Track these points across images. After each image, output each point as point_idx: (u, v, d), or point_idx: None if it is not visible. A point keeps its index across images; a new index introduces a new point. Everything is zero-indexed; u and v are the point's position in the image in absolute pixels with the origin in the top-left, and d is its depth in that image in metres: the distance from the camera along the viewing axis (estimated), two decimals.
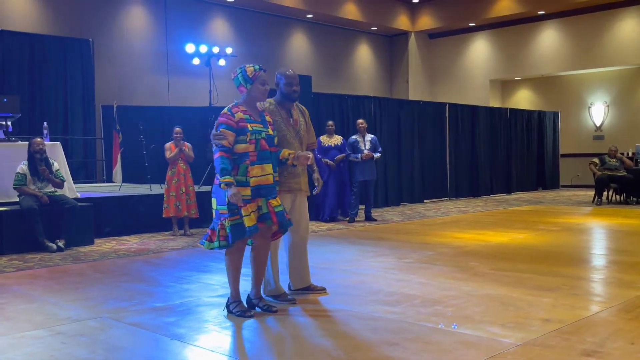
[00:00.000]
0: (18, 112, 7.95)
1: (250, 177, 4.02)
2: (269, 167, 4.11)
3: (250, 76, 4.13)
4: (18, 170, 7.15)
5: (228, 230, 3.97)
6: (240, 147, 4.01)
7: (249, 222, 3.96)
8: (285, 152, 4.31)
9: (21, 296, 4.77)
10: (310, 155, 4.33)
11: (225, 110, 4.09)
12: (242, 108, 4.12)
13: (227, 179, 3.91)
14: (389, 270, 5.58)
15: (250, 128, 4.03)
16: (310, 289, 4.68)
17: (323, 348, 3.41)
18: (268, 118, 4.25)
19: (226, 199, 3.93)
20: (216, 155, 3.98)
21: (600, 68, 16.95)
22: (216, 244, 4.01)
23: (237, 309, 4.10)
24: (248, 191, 3.99)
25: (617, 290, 4.74)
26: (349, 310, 4.19)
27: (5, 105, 7.80)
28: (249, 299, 4.26)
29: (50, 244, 6.96)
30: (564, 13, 17.03)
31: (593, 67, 16.96)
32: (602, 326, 3.77)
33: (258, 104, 4.25)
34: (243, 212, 3.95)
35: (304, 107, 4.76)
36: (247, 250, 4.23)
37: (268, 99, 4.42)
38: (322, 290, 4.68)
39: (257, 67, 4.20)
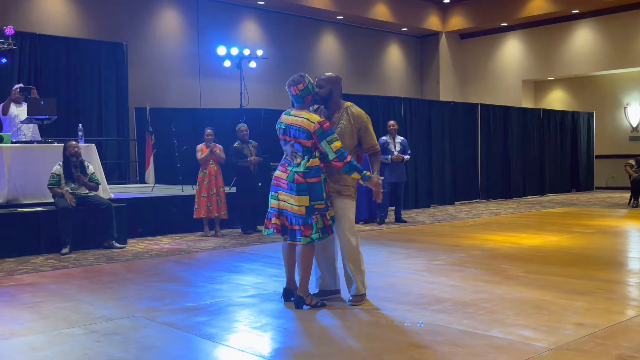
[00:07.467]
0: (55, 114, 8.09)
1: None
2: None
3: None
4: (53, 170, 7.30)
5: (331, 222, 4.28)
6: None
7: (332, 213, 4.34)
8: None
9: (57, 295, 4.88)
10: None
11: (319, 118, 4.20)
12: None
13: (366, 172, 4.28)
14: (419, 273, 5.56)
15: None
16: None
17: (352, 349, 3.41)
18: None
19: (324, 194, 4.19)
20: (347, 159, 4.18)
21: (636, 67, 16.58)
22: (315, 236, 4.19)
23: (318, 301, 4.32)
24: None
25: None
26: (379, 312, 4.19)
27: (43, 108, 7.95)
28: (288, 291, 4.44)
29: (119, 244, 7.37)
30: (598, 12, 16.73)
31: (629, 66, 16.61)
32: (638, 331, 3.69)
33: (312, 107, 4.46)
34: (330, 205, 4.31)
35: (358, 112, 4.48)
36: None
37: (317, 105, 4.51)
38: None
39: None
